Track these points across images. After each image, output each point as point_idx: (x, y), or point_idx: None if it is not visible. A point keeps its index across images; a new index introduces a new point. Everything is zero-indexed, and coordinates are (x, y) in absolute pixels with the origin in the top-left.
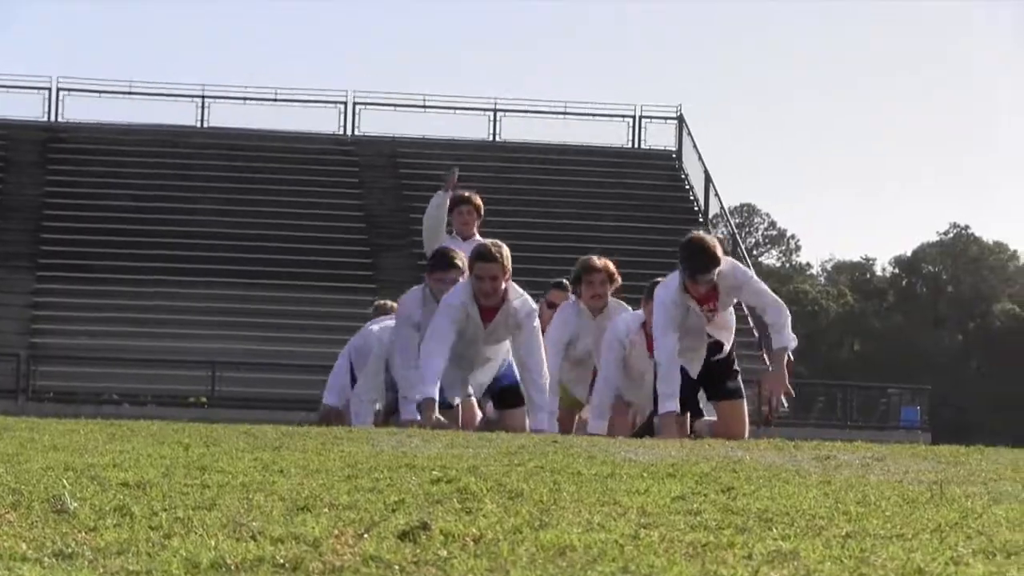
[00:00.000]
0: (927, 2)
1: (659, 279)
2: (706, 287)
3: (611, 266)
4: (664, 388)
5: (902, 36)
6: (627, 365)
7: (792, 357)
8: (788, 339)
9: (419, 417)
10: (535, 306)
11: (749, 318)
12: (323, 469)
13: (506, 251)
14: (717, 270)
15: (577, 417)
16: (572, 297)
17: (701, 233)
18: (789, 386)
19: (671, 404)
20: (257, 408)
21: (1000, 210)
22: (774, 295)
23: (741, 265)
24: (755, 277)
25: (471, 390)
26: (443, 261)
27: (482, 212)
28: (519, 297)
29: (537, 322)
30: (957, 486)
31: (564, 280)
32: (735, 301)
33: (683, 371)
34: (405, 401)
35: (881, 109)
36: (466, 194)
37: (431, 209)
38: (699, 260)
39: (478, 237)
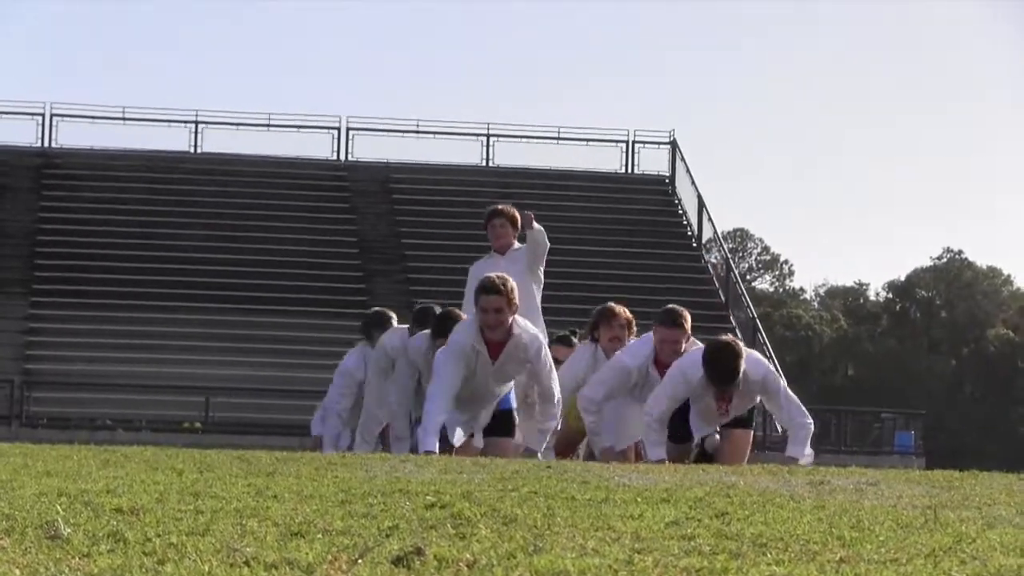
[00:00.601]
0: (919, 29)
1: (671, 305)
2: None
3: (629, 314)
4: (650, 436)
5: (895, 62)
6: (637, 400)
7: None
8: (803, 454)
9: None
10: (544, 341)
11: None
12: (317, 495)
13: (512, 284)
14: (737, 382)
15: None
16: (588, 342)
17: (728, 343)
18: None
19: (659, 452)
20: (251, 434)
21: (994, 235)
22: (801, 409)
23: (774, 374)
24: (785, 388)
25: (474, 429)
26: (439, 326)
27: (519, 224)
28: (527, 332)
29: (548, 354)
30: (951, 511)
31: (567, 333)
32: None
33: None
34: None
35: (875, 134)
36: (500, 207)
37: None
38: (719, 374)
39: (516, 245)
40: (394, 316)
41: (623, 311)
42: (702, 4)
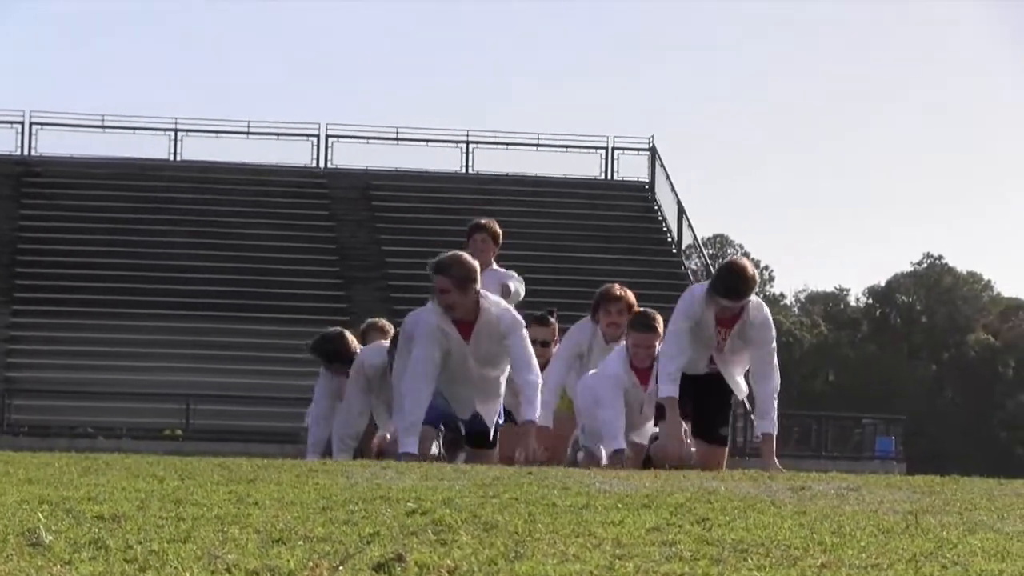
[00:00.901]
0: (899, 33)
1: (641, 309)
2: (727, 312)
3: (631, 296)
4: (666, 366)
5: (875, 67)
6: (627, 406)
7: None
8: (772, 425)
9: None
10: (520, 318)
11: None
12: (298, 501)
13: (466, 262)
14: (742, 302)
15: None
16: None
17: (746, 262)
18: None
19: (671, 388)
20: (231, 441)
21: (974, 240)
22: (777, 376)
23: (773, 327)
24: (775, 346)
25: (483, 415)
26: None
27: (500, 240)
28: (496, 306)
29: (525, 331)
30: (932, 516)
31: (544, 313)
32: (745, 363)
33: (686, 392)
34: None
35: (855, 138)
36: (483, 221)
37: None
38: (727, 283)
39: (495, 267)
40: (354, 341)
41: (624, 295)
42: (682, 10)
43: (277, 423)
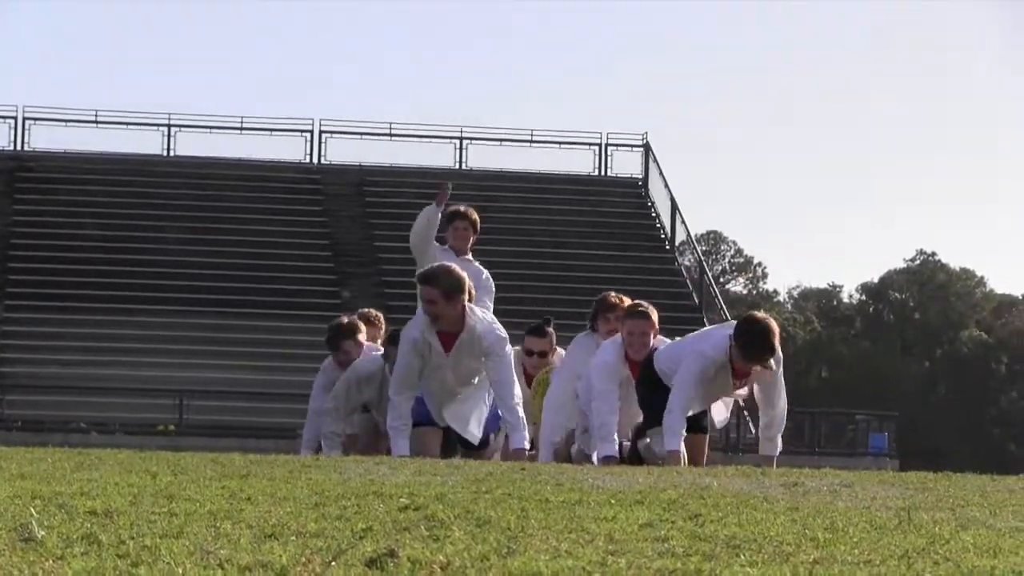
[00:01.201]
0: (895, 30)
1: (641, 300)
2: (749, 367)
3: (628, 303)
4: (674, 425)
5: (868, 65)
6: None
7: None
8: (776, 448)
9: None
10: (505, 335)
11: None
12: (291, 497)
13: (453, 272)
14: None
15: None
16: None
17: (759, 316)
18: None
19: (675, 443)
20: (225, 436)
21: (967, 237)
22: (785, 399)
23: (781, 353)
24: (782, 370)
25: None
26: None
27: (478, 228)
28: (482, 322)
29: (509, 348)
30: (925, 512)
31: (540, 323)
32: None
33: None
34: (394, 432)
35: (848, 136)
36: (462, 209)
37: (420, 221)
38: (760, 348)
39: (470, 257)
40: (363, 329)
41: (621, 302)
42: (674, 7)
43: (271, 418)
